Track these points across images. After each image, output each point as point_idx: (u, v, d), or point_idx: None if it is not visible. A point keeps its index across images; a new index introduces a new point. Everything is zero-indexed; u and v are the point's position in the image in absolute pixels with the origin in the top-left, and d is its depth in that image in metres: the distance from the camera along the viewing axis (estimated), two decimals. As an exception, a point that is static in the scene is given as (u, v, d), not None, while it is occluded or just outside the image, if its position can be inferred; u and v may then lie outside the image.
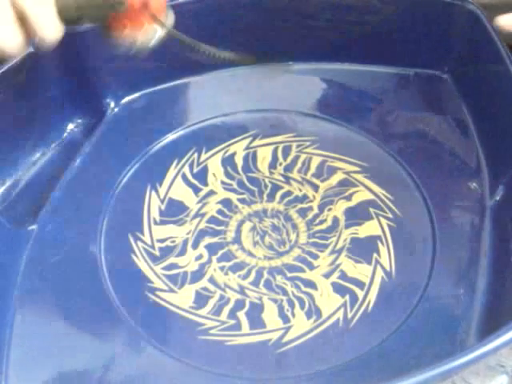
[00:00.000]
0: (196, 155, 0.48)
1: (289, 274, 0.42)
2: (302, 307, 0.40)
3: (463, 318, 0.39)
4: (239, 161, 0.48)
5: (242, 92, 0.52)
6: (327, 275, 0.42)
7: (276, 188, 0.46)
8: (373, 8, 0.50)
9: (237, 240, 0.44)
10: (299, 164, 0.48)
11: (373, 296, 0.41)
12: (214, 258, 0.43)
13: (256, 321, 0.40)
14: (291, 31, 0.51)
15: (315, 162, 0.48)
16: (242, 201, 0.46)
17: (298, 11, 0.50)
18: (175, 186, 0.47)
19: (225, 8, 0.50)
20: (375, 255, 0.42)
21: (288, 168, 0.48)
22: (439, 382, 0.33)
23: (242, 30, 0.51)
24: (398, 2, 0.50)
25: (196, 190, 0.47)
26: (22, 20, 0.34)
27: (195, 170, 0.48)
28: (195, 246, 0.43)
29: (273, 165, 0.48)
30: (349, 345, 0.39)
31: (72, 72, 0.47)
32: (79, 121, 0.50)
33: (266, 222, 0.45)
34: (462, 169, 0.46)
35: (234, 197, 0.46)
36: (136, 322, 0.40)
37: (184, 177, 0.47)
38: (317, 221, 0.45)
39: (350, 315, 0.40)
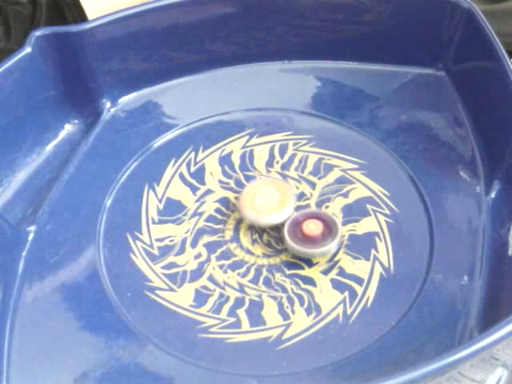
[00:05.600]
0: (193, 154, 0.48)
1: (288, 272, 0.42)
2: (302, 304, 0.41)
3: (462, 312, 0.39)
4: (236, 159, 0.48)
5: (237, 91, 0.52)
6: (326, 272, 0.42)
7: (273, 186, 0.47)
8: (365, 6, 0.50)
9: (235, 238, 0.44)
10: (296, 162, 0.48)
11: (372, 292, 0.41)
12: (213, 257, 0.43)
13: (256, 318, 0.40)
14: (286, 30, 0.51)
15: (312, 159, 0.48)
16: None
17: (292, 11, 0.51)
18: (173, 186, 0.47)
19: (220, 8, 0.50)
20: (373, 251, 0.43)
21: (285, 166, 0.48)
22: (439, 376, 0.33)
23: (238, 29, 0.51)
24: (391, 1, 0.50)
25: (193, 189, 0.47)
26: None
27: (192, 169, 0.48)
28: (194, 244, 0.44)
29: (270, 163, 0.48)
30: (349, 340, 0.39)
31: (68, 72, 0.47)
32: (76, 121, 0.50)
33: (263, 219, 0.45)
34: (458, 164, 0.47)
35: (231, 195, 0.46)
36: (136, 321, 0.40)
37: (181, 176, 0.47)
38: (315, 218, 0.45)
39: (349, 311, 0.40)
